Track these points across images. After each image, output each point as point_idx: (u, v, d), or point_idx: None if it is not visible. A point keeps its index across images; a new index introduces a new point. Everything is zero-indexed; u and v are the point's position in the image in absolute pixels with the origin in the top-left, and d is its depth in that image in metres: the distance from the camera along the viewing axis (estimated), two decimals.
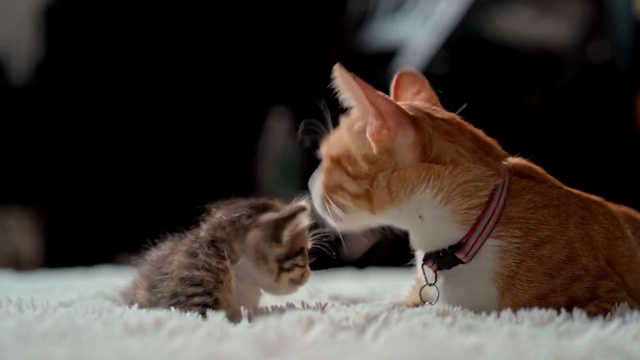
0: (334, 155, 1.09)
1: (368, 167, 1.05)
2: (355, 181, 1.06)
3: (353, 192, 1.06)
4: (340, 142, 1.09)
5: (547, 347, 0.78)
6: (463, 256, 1.03)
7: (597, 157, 3.03)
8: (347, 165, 1.07)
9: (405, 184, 1.03)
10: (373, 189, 1.04)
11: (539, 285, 1.01)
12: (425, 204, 1.04)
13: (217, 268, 1.07)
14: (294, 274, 1.10)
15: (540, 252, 1.02)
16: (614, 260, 1.07)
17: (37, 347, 0.79)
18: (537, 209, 1.04)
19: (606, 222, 1.08)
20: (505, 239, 1.02)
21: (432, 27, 3.04)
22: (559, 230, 1.03)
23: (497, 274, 1.02)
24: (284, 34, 3.70)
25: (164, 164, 3.59)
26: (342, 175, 1.07)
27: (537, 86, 3.16)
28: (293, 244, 1.10)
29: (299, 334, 0.86)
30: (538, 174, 1.10)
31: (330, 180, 1.09)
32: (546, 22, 3.06)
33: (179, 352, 0.78)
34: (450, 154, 1.04)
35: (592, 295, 1.02)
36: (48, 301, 1.20)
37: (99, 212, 3.56)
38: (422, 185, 1.03)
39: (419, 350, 0.77)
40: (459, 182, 1.03)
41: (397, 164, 1.04)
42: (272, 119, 3.67)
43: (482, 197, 1.03)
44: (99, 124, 3.61)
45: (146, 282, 1.14)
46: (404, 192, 1.03)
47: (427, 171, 1.03)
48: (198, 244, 1.10)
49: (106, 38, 3.64)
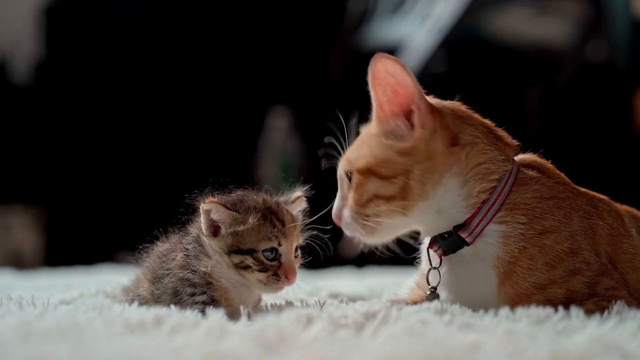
0: (362, 167, 1.08)
1: (404, 161, 1.05)
2: (390, 181, 1.05)
3: (388, 194, 1.05)
4: (366, 152, 1.08)
5: (545, 345, 0.79)
6: (467, 235, 1.05)
7: (596, 156, 3.03)
8: (380, 169, 1.06)
9: (434, 174, 1.04)
10: (409, 185, 1.04)
11: (539, 275, 1.02)
12: (448, 193, 1.05)
13: (202, 271, 1.08)
14: (260, 275, 1.08)
15: (543, 240, 1.03)
16: (617, 257, 1.07)
17: (38, 345, 0.80)
18: (543, 199, 1.05)
19: (610, 219, 1.09)
20: (509, 224, 1.04)
21: (431, 27, 3.04)
22: (563, 222, 1.04)
23: (498, 259, 1.03)
24: (284, 34, 3.70)
25: (165, 162, 3.59)
26: (375, 182, 1.06)
27: (536, 85, 3.16)
28: (239, 241, 1.08)
29: (298, 331, 0.86)
30: (547, 169, 1.11)
31: (363, 194, 1.07)
32: (544, 22, 3.06)
33: (179, 349, 0.78)
34: (469, 135, 1.06)
35: (591, 291, 1.03)
36: (49, 299, 1.21)
37: (100, 210, 3.57)
38: (447, 173, 1.04)
39: (418, 348, 0.77)
40: (474, 164, 1.05)
41: (429, 153, 1.05)
42: (272, 118, 3.67)
43: (492, 182, 1.05)
44: (100, 123, 3.62)
45: (150, 274, 1.15)
46: (432, 184, 1.04)
47: (451, 156, 1.05)
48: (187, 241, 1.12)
49: (107, 37, 3.64)
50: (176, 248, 1.15)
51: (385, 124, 1.07)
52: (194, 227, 1.13)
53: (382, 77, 1.04)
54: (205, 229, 1.09)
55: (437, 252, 1.09)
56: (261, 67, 3.67)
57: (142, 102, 3.63)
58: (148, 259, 1.19)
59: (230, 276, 1.09)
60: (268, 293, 1.14)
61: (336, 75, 3.47)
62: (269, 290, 1.11)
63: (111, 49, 3.62)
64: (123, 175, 3.61)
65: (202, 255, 1.10)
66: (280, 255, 1.09)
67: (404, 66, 1.03)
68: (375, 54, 1.03)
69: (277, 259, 1.09)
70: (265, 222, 1.09)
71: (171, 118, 3.63)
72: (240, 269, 1.08)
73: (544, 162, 1.13)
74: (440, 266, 1.09)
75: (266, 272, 1.08)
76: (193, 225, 1.14)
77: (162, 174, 3.57)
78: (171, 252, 1.15)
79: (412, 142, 1.05)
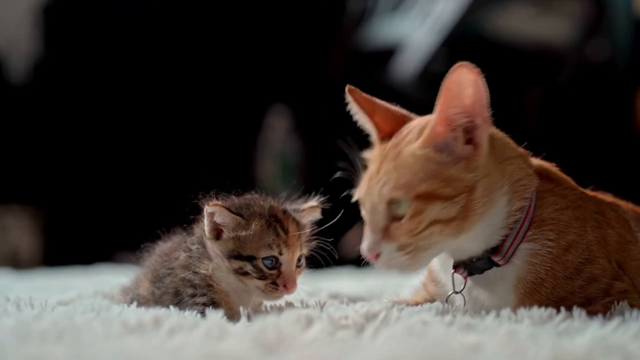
0: (424, 192, 0.97)
1: (470, 177, 0.97)
2: (453, 201, 0.97)
3: (449, 216, 0.97)
4: (422, 174, 0.97)
5: (547, 346, 0.78)
6: (500, 259, 1.01)
7: (597, 155, 3.02)
8: (445, 189, 0.97)
9: (491, 191, 0.99)
10: (472, 201, 0.97)
11: (559, 290, 1.01)
12: (499, 211, 1.00)
13: (203, 273, 1.08)
14: (258, 282, 1.07)
15: (566, 257, 1.01)
16: (626, 263, 1.07)
17: (35, 346, 0.79)
18: (562, 210, 1.03)
19: (618, 227, 1.08)
20: (538, 241, 1.01)
21: (432, 26, 3.04)
22: (580, 234, 1.03)
23: (520, 280, 1.01)
24: (284, 33, 3.69)
25: (164, 162, 3.59)
26: (437, 205, 0.96)
27: (537, 84, 3.16)
28: (239, 247, 1.07)
29: (297, 332, 0.85)
30: (555, 175, 1.09)
31: (422, 221, 0.97)
32: (546, 21, 3.06)
33: (178, 350, 0.78)
34: (510, 151, 1.03)
35: (606, 296, 1.02)
36: (47, 300, 1.20)
37: (98, 210, 3.56)
38: (499, 191, 1.00)
39: (418, 349, 0.76)
40: (515, 180, 1.01)
41: (488, 169, 0.99)
42: (271, 117, 3.67)
43: (526, 200, 1.01)
44: (98, 122, 3.61)
45: (151, 274, 1.15)
46: (489, 201, 0.98)
47: (502, 172, 1.00)
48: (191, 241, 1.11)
49: (105, 36, 3.63)
50: (179, 247, 1.14)
51: (439, 139, 0.98)
52: (199, 228, 1.12)
53: (456, 88, 0.96)
54: (208, 231, 1.08)
55: (462, 274, 1.05)
56: (260, 66, 3.67)
57: (141, 101, 3.62)
58: (149, 259, 1.18)
59: (230, 280, 1.09)
60: (266, 300, 1.13)
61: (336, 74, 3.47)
62: (267, 298, 1.11)
63: (110, 48, 3.61)
64: (121, 175, 3.60)
65: (204, 257, 1.10)
66: (280, 265, 1.08)
67: (481, 77, 0.96)
68: (456, 65, 0.95)
69: (276, 267, 1.07)
70: (268, 230, 1.07)
71: (170, 117, 3.62)
72: (240, 274, 1.07)
73: (549, 166, 1.10)
74: (463, 289, 1.05)
75: (265, 280, 1.07)
76: (198, 225, 1.13)
77: (161, 174, 3.57)
78: (174, 252, 1.14)
79: (477, 157, 0.98)
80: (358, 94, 1.09)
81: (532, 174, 1.03)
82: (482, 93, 0.97)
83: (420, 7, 3.15)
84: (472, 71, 0.95)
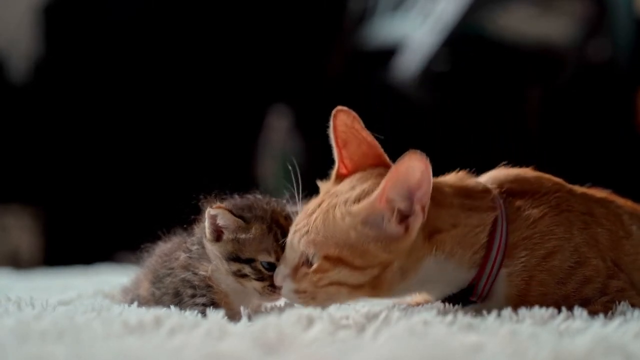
0: (332, 255, 0.99)
1: (386, 256, 0.98)
2: (362, 272, 0.99)
3: (356, 283, 0.99)
4: (338, 236, 0.99)
5: (547, 346, 0.78)
6: (476, 299, 1.03)
7: (598, 155, 3.02)
8: (354, 259, 0.98)
9: (416, 263, 1.00)
10: (385, 275, 0.99)
11: (552, 296, 1.01)
12: (431, 269, 1.01)
13: (202, 274, 1.07)
14: (256, 284, 1.06)
15: (550, 263, 1.01)
16: (620, 259, 1.07)
17: (36, 346, 0.79)
18: (536, 221, 1.03)
19: (609, 224, 1.08)
20: (511, 265, 1.02)
21: (432, 25, 3.04)
22: (564, 238, 1.03)
23: (506, 298, 1.02)
24: (284, 32, 3.69)
25: (164, 162, 3.59)
26: (343, 271, 0.99)
27: (538, 84, 3.16)
28: (239, 249, 1.06)
29: (298, 332, 0.85)
30: (529, 183, 1.08)
31: (324, 279, 1.00)
32: (546, 20, 3.06)
33: (178, 350, 0.78)
34: (448, 220, 1.02)
35: (603, 296, 1.02)
36: (47, 300, 1.20)
37: (98, 210, 3.56)
38: (429, 258, 1.01)
39: (419, 349, 0.76)
40: (459, 239, 1.02)
41: (411, 249, 0.99)
42: (272, 117, 3.67)
43: (483, 239, 1.02)
44: (99, 122, 3.61)
45: (151, 274, 1.14)
46: (414, 271, 1.00)
47: (431, 245, 1.01)
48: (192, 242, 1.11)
49: (106, 36, 3.63)
50: (179, 248, 1.14)
51: (374, 214, 0.98)
52: (199, 229, 1.12)
53: (405, 172, 0.96)
54: (209, 233, 1.08)
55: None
56: (261, 66, 3.67)
57: (141, 101, 3.62)
58: (149, 259, 1.18)
59: (229, 282, 1.08)
60: (263, 302, 1.12)
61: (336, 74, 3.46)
62: (264, 300, 1.10)
63: (110, 48, 3.61)
64: (121, 175, 3.60)
65: (203, 258, 1.09)
66: None
67: (430, 168, 0.96)
68: (409, 151, 0.94)
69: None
70: (268, 235, 1.06)
71: (170, 117, 3.62)
72: (238, 276, 1.07)
73: (523, 172, 1.10)
74: None
75: (263, 282, 1.06)
76: (198, 226, 1.13)
77: (161, 173, 3.57)
78: (174, 252, 1.14)
79: (403, 241, 0.98)
80: (340, 120, 1.09)
81: (486, 216, 1.02)
82: (428, 183, 0.97)
83: (421, 7, 3.15)
84: (422, 160, 0.95)
